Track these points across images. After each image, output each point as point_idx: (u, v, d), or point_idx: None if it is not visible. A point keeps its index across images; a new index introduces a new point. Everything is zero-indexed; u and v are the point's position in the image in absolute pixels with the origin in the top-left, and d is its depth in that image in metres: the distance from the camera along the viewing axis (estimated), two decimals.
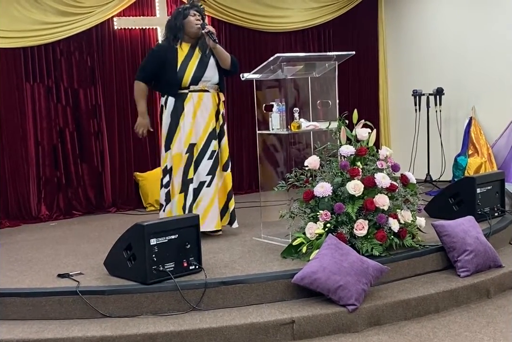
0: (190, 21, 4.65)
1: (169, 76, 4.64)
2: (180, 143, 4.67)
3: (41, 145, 5.86)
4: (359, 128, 4.32)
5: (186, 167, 4.67)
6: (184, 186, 4.67)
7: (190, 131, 4.67)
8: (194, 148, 4.67)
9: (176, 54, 4.66)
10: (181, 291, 3.60)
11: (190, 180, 4.67)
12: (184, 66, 4.64)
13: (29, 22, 5.66)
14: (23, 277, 4.00)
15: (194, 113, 4.67)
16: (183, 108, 4.65)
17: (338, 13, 7.25)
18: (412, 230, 4.24)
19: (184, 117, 4.66)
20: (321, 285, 3.64)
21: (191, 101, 4.66)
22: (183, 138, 4.66)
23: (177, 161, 4.68)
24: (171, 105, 4.68)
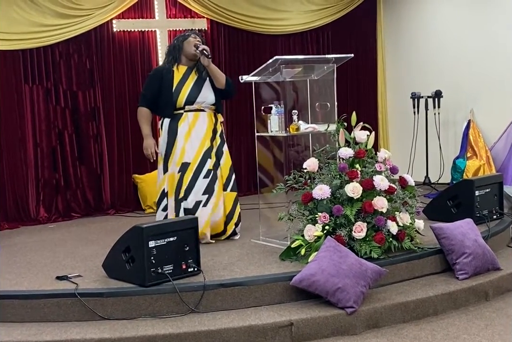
0: (190, 42, 4.73)
1: (165, 96, 4.71)
2: (174, 164, 4.70)
3: (39, 147, 5.86)
4: (358, 131, 4.33)
5: (177, 187, 4.69)
6: (176, 207, 4.69)
7: (183, 151, 4.69)
8: (187, 168, 4.68)
9: (172, 75, 4.74)
10: (179, 293, 3.60)
11: (181, 199, 4.67)
12: (180, 86, 4.71)
13: (28, 25, 5.66)
14: (22, 279, 4.00)
15: (188, 133, 4.71)
16: (177, 128, 4.71)
17: (336, 15, 7.26)
18: (411, 233, 4.24)
19: (178, 137, 4.70)
20: (319, 287, 3.64)
21: (186, 121, 4.71)
22: (177, 158, 4.70)
23: (171, 182, 4.71)
24: (166, 127, 4.74)
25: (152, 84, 4.78)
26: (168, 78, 4.72)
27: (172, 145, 4.71)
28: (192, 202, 4.65)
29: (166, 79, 4.72)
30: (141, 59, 6.29)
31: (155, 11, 6.32)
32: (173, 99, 4.69)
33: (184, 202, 4.66)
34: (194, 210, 4.64)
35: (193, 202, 4.66)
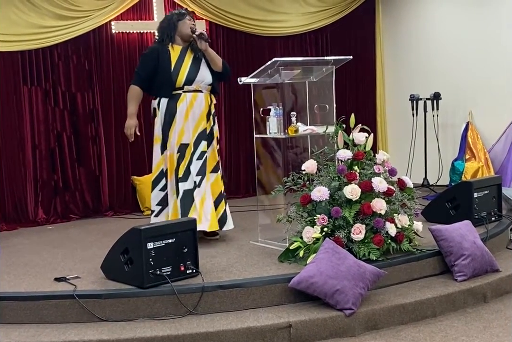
0: (186, 23, 4.71)
1: (163, 77, 4.65)
2: (172, 144, 4.69)
3: (38, 149, 5.85)
4: (356, 133, 4.33)
5: (176, 167, 4.69)
6: (177, 187, 4.69)
7: (181, 131, 4.68)
8: (186, 149, 4.69)
9: (168, 55, 4.69)
10: (178, 295, 3.59)
11: (179, 179, 4.67)
12: (178, 66, 4.67)
13: (26, 26, 5.66)
14: (20, 280, 3.99)
15: (186, 114, 4.68)
16: (176, 109, 4.68)
17: (335, 17, 7.27)
18: (409, 234, 4.24)
19: (177, 117, 4.68)
20: (318, 289, 3.64)
21: (184, 102, 4.68)
22: (175, 139, 4.68)
23: (171, 162, 4.71)
24: (164, 107, 4.70)
25: (147, 63, 4.70)
26: (164, 57, 4.67)
27: (169, 125, 4.68)
28: (190, 183, 4.67)
29: (163, 58, 4.67)
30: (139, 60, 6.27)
31: (153, 12, 6.32)
32: (172, 79, 4.64)
33: (184, 183, 4.66)
34: (192, 190, 4.65)
35: (192, 183, 4.67)
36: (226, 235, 5.01)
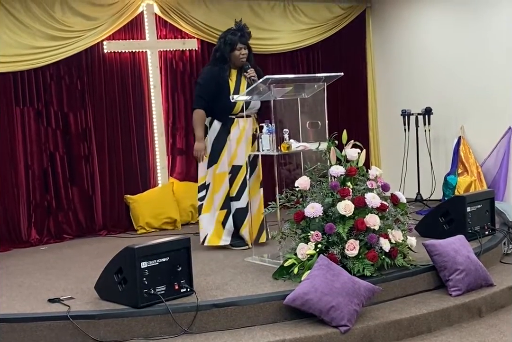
0: (236, 56, 5.05)
1: (223, 102, 4.98)
2: (224, 164, 5.05)
3: (31, 169, 5.84)
4: (349, 149, 4.35)
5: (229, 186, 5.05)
6: (225, 203, 5.06)
7: (235, 154, 5.06)
8: (239, 170, 5.05)
9: (227, 80, 5.06)
10: (172, 314, 3.58)
11: (232, 198, 5.06)
12: (236, 92, 5.01)
13: (18, 47, 5.66)
14: (13, 302, 3.97)
15: (239, 138, 5.05)
16: (229, 132, 5.05)
17: (326, 34, 7.32)
18: (403, 250, 4.24)
19: (230, 140, 5.04)
20: (313, 306, 3.63)
21: (237, 127, 5.06)
22: (227, 160, 5.04)
23: (220, 180, 5.06)
24: (217, 129, 5.07)
25: (209, 87, 5.05)
26: (223, 83, 5.03)
27: (222, 147, 5.05)
28: (243, 203, 5.02)
29: (222, 84, 5.03)
30: (132, 80, 6.31)
31: (145, 32, 6.34)
32: (231, 106, 4.98)
33: (237, 202, 5.05)
34: (245, 209, 5.00)
35: (245, 203, 5.01)
36: (220, 252, 5.02)
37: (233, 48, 5.04)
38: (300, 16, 7.13)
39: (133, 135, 6.33)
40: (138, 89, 6.34)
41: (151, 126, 6.43)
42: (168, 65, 6.50)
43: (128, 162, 6.30)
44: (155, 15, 6.35)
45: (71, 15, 5.89)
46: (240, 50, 5.05)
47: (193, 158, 5.33)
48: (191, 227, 6.26)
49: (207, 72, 5.15)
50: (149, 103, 6.41)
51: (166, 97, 6.50)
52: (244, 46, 5.08)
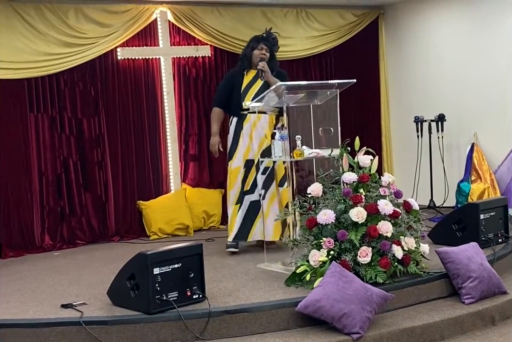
0: (255, 55, 5.26)
1: (234, 98, 5.24)
2: (239, 159, 5.18)
3: (44, 175, 5.88)
4: (361, 155, 4.34)
5: (243, 181, 5.17)
6: (240, 198, 5.17)
7: (247, 148, 5.18)
8: (252, 164, 5.15)
9: (242, 79, 5.29)
10: (184, 320, 3.58)
11: (245, 192, 5.16)
12: (247, 89, 5.23)
13: (33, 53, 5.72)
14: (27, 307, 3.99)
15: (251, 132, 5.18)
16: (242, 127, 5.20)
17: (339, 41, 7.33)
18: (416, 257, 4.23)
19: (243, 135, 5.19)
20: (325, 313, 3.62)
21: (249, 122, 5.19)
22: (241, 154, 5.17)
23: (235, 175, 5.19)
24: (233, 125, 5.26)
25: (225, 85, 5.36)
26: (238, 81, 5.27)
27: (237, 143, 5.20)
28: (257, 196, 5.12)
29: (236, 82, 5.27)
30: (145, 87, 6.34)
31: (159, 38, 6.38)
32: (240, 101, 5.18)
33: (251, 195, 5.16)
34: (258, 202, 5.07)
35: (258, 195, 5.10)
36: (233, 258, 5.03)
37: (253, 48, 5.27)
38: (313, 22, 7.14)
39: (146, 142, 6.36)
40: (151, 95, 6.38)
41: (164, 133, 6.46)
42: (181, 72, 6.53)
43: (141, 169, 6.32)
44: (168, 22, 6.39)
45: (85, 22, 5.94)
46: (261, 50, 5.25)
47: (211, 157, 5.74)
48: (203, 233, 6.28)
49: (227, 73, 5.64)
50: (162, 110, 6.44)
51: (179, 104, 6.53)
52: (266, 48, 5.27)
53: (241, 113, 5.22)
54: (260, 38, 5.34)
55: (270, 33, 5.37)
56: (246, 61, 5.32)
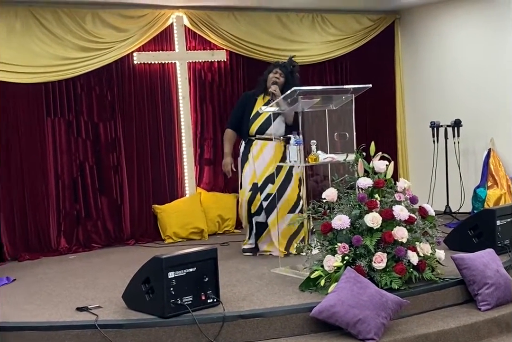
0: (269, 78, 5.30)
1: (244, 123, 5.32)
2: (245, 181, 5.27)
3: (61, 179, 5.91)
4: (377, 161, 4.33)
5: (249, 203, 5.22)
6: (249, 218, 5.27)
7: (254, 173, 5.23)
8: (258, 188, 5.20)
9: (254, 104, 5.31)
10: (199, 324, 3.59)
11: (253, 215, 5.22)
12: (256, 116, 5.25)
13: (50, 58, 5.76)
14: (43, 310, 4.01)
15: (257, 157, 5.23)
16: (249, 152, 5.27)
17: (355, 46, 7.32)
18: (432, 263, 4.21)
19: (250, 159, 5.25)
20: (339, 319, 3.61)
21: (255, 147, 5.25)
22: (248, 178, 5.25)
23: (241, 197, 5.32)
24: (242, 148, 5.36)
25: (237, 108, 5.47)
26: (250, 106, 5.32)
27: (244, 165, 5.30)
28: (263, 218, 5.20)
29: (248, 106, 5.33)
30: (161, 91, 6.37)
31: (175, 43, 6.41)
32: (248, 127, 5.27)
33: (257, 217, 5.22)
34: (265, 224, 5.19)
35: (264, 218, 5.20)
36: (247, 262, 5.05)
37: (269, 71, 5.32)
38: (329, 27, 7.14)
39: (161, 146, 6.38)
40: (167, 100, 6.40)
41: (179, 137, 6.48)
42: (197, 76, 6.56)
43: (156, 173, 6.35)
44: (184, 26, 6.41)
45: (102, 27, 5.98)
46: (275, 74, 5.27)
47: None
48: (218, 237, 6.29)
49: (242, 95, 5.68)
50: (178, 114, 6.46)
51: (195, 108, 6.56)
52: (281, 73, 5.28)
53: (249, 139, 5.29)
54: (277, 64, 5.38)
55: (291, 60, 5.39)
56: (262, 85, 5.34)
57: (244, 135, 5.33)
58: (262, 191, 5.17)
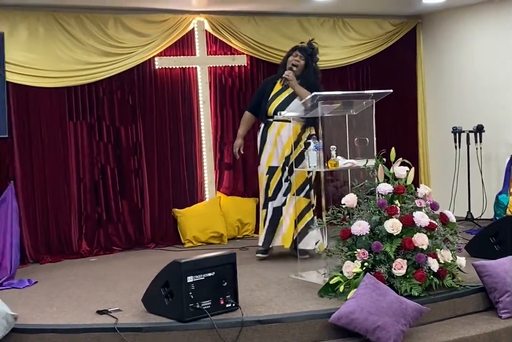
0: (289, 61, 5.34)
1: (263, 105, 5.36)
2: (262, 165, 5.33)
3: (83, 182, 5.96)
4: (397, 167, 4.31)
5: (266, 187, 5.29)
6: (265, 203, 5.32)
7: (271, 155, 5.28)
8: (275, 171, 5.25)
9: (273, 86, 5.38)
10: (217, 329, 3.59)
11: (269, 198, 5.28)
12: (274, 98, 5.32)
13: (72, 62, 5.81)
14: (63, 313, 4.05)
15: (274, 140, 5.27)
16: (267, 134, 5.31)
17: (376, 50, 7.30)
18: (452, 270, 4.18)
19: (267, 143, 5.30)
20: (358, 325, 3.59)
21: (273, 129, 5.29)
22: (265, 161, 5.31)
23: (261, 181, 5.37)
24: (260, 131, 5.39)
25: (258, 92, 5.57)
26: (269, 88, 5.39)
27: (262, 149, 5.34)
28: (279, 202, 5.24)
29: (268, 89, 5.39)
30: (182, 95, 6.40)
31: (196, 48, 6.44)
32: (266, 108, 5.31)
33: (273, 201, 5.26)
34: (281, 208, 5.23)
35: (280, 202, 5.24)
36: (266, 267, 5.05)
37: (289, 55, 5.36)
38: (350, 32, 7.13)
39: (181, 150, 6.41)
40: (187, 104, 6.43)
41: (199, 141, 6.50)
42: (218, 81, 6.58)
43: (176, 177, 6.37)
44: (205, 31, 6.44)
45: (124, 32, 6.03)
46: (295, 57, 5.31)
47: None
48: (237, 242, 6.30)
49: (264, 80, 5.80)
50: (198, 119, 6.49)
51: (215, 113, 6.58)
52: (300, 56, 5.31)
53: (267, 121, 5.34)
54: (297, 47, 5.41)
55: (310, 43, 5.42)
56: (281, 69, 5.40)
57: (263, 117, 5.39)
58: (283, 172, 5.23)
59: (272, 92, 5.35)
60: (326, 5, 6.39)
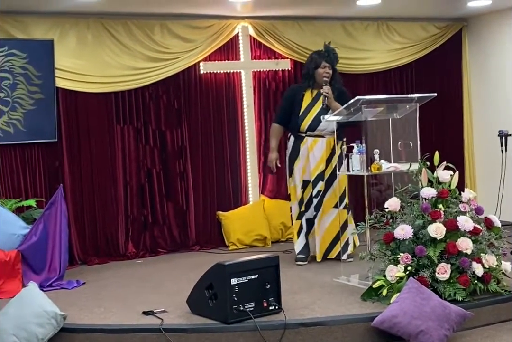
0: (319, 74, 5.25)
1: (293, 119, 5.31)
2: (295, 179, 5.34)
3: (129, 185, 6.08)
4: (441, 171, 4.29)
5: (300, 201, 5.34)
6: (299, 216, 5.36)
7: (304, 169, 5.29)
8: (308, 185, 5.28)
9: (302, 98, 5.31)
10: (260, 331, 3.63)
11: (302, 212, 5.33)
12: (306, 113, 5.26)
13: (120, 68, 5.94)
14: (110, 313, 4.14)
15: (307, 155, 5.27)
16: (299, 149, 5.29)
17: (421, 53, 7.24)
18: (497, 275, 4.14)
19: (300, 157, 5.29)
20: (401, 330, 3.59)
21: (306, 145, 5.27)
22: (299, 175, 5.31)
23: (293, 193, 5.41)
24: (291, 144, 5.37)
25: (285, 104, 5.45)
26: (298, 100, 5.31)
27: (293, 162, 5.35)
28: (311, 214, 5.30)
29: (297, 100, 5.31)
30: (226, 100, 6.47)
31: (240, 53, 6.50)
32: (298, 123, 5.26)
33: (306, 213, 5.32)
34: (313, 220, 5.29)
35: (311, 214, 5.29)
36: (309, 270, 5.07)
37: (317, 66, 5.26)
38: (394, 35, 7.10)
39: (226, 153, 6.48)
40: (231, 108, 6.50)
41: (243, 145, 6.56)
42: (261, 85, 6.62)
43: (220, 180, 6.44)
44: (249, 36, 6.50)
45: (170, 38, 6.13)
46: (324, 69, 5.25)
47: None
48: (281, 245, 6.32)
49: (288, 89, 5.68)
50: (242, 122, 6.55)
51: (259, 117, 6.63)
52: (329, 65, 5.27)
53: (298, 135, 5.29)
54: (322, 55, 5.31)
55: (330, 48, 5.35)
56: (309, 80, 5.31)
57: (293, 131, 5.34)
58: (314, 187, 5.24)
59: (302, 104, 5.29)
60: (370, 9, 6.38)
